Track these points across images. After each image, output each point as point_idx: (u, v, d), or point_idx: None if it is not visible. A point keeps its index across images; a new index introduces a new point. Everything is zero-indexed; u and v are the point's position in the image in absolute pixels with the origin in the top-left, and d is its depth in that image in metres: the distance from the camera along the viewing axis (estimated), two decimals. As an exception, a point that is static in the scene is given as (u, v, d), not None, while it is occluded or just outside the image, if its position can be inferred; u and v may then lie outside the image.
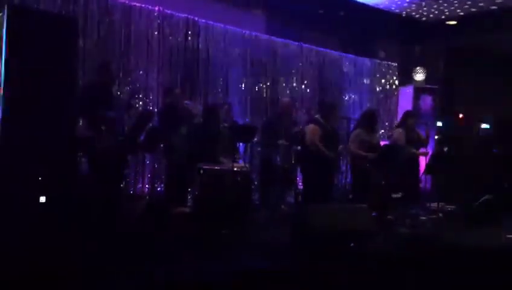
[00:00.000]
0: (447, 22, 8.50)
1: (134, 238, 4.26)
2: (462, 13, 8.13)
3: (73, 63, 4.43)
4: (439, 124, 8.64)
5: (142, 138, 5.24)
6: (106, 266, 3.48)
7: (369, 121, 6.11)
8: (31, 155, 3.88)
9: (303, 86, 7.95)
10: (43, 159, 3.95)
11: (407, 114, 6.56)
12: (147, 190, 6.25)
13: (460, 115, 9.00)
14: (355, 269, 3.83)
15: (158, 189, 6.25)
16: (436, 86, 8.90)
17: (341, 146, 6.01)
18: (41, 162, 3.93)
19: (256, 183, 6.64)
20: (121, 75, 6.10)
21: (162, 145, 5.75)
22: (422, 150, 6.43)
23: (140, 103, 6.26)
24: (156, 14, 6.38)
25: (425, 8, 8.07)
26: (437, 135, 8.34)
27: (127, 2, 6.15)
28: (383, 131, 8.55)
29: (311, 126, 5.82)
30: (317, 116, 5.97)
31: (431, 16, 8.36)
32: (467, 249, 4.67)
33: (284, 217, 5.73)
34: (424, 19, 8.52)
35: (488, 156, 7.74)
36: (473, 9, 7.93)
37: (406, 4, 7.93)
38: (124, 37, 6.13)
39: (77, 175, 4.82)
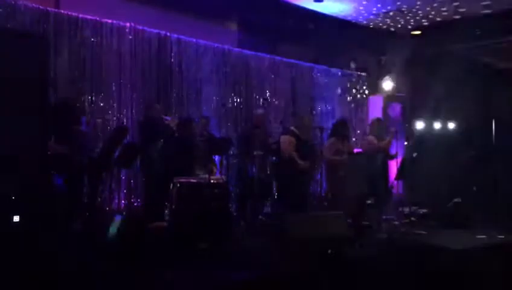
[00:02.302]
0: (412, 32, 8.78)
1: (112, 254, 4.22)
2: (426, 24, 8.42)
3: (43, 81, 4.40)
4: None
5: (116, 153, 5.22)
6: (82, 284, 3.45)
7: (342, 129, 6.25)
8: (2, 174, 3.82)
9: (276, 98, 8.06)
10: (16, 177, 3.89)
11: (375, 121, 6.73)
12: (123, 205, 6.19)
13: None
14: (334, 275, 3.89)
15: (135, 204, 6.21)
16: (405, 94, 9.14)
17: (316, 158, 6.11)
18: (14, 180, 3.87)
19: (233, 195, 6.66)
20: (93, 91, 6.06)
21: (138, 160, 5.74)
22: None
23: (114, 118, 6.23)
24: (127, 30, 6.39)
25: (391, 20, 8.32)
26: (406, 141, 8.56)
27: (97, 18, 6.14)
28: (355, 139, 8.70)
29: (286, 137, 5.92)
30: (291, 127, 6.07)
31: (397, 26, 8.63)
32: (440, 250, 4.80)
33: (262, 228, 5.78)
34: (390, 29, 8.77)
35: (457, 161, 7.97)
36: (436, 20, 8.23)
37: (373, 16, 8.16)
38: (96, 53, 6.10)
39: (51, 193, 4.76)
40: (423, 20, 8.30)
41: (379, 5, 7.67)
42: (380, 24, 8.54)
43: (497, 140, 8.48)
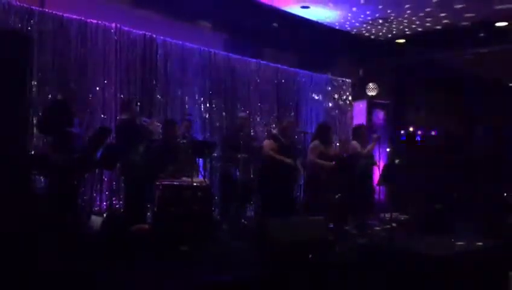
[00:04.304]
0: (397, 40, 8.90)
1: (93, 256, 4.20)
2: (410, 32, 8.55)
3: (26, 80, 4.37)
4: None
5: (99, 154, 5.18)
6: (63, 284, 3.42)
7: (325, 133, 6.30)
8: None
9: (261, 102, 8.09)
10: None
11: (358, 127, 6.80)
12: (104, 207, 6.14)
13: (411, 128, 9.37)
14: (314, 279, 3.92)
15: (116, 206, 6.16)
16: (388, 101, 9.25)
17: (299, 160, 6.15)
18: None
19: (216, 198, 6.65)
20: (77, 91, 6.01)
21: (119, 162, 5.69)
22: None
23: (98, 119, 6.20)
24: (112, 30, 6.36)
25: (376, 27, 8.43)
26: (389, 148, 8.66)
27: (83, 18, 6.11)
28: (338, 144, 8.77)
29: (267, 141, 5.99)
30: (274, 131, 6.12)
31: (382, 34, 8.75)
32: (419, 257, 4.85)
33: (245, 231, 5.79)
34: (375, 37, 8.89)
35: (438, 167, 8.09)
36: (420, 29, 8.37)
37: (358, 24, 8.26)
38: (81, 53, 6.06)
39: (31, 193, 4.72)
40: (407, 29, 8.42)
41: (365, 13, 7.77)
42: (365, 32, 8.64)
43: (478, 147, 8.63)
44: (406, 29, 8.45)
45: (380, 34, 8.71)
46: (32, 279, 3.40)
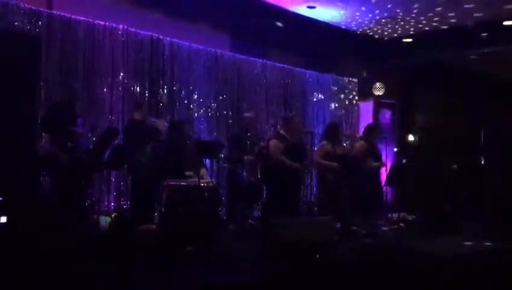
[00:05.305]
0: (404, 40, 8.87)
1: (100, 256, 4.22)
2: (417, 31, 8.51)
3: (34, 81, 4.41)
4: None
5: (107, 155, 5.22)
6: (69, 284, 3.44)
7: (333, 132, 6.28)
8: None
9: (267, 102, 8.09)
10: (4, 178, 3.88)
11: (369, 127, 6.76)
12: (112, 207, 6.17)
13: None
14: (321, 279, 3.92)
15: (124, 206, 6.19)
16: (395, 101, 9.21)
17: (306, 161, 6.14)
18: (2, 181, 3.86)
19: (223, 198, 6.66)
20: (84, 92, 6.06)
21: (126, 163, 5.72)
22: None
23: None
24: (120, 32, 6.39)
25: (383, 27, 8.41)
26: (396, 148, 8.62)
27: (90, 19, 6.14)
28: (345, 144, 8.74)
29: (273, 141, 5.95)
30: (281, 131, 6.10)
31: (389, 33, 8.72)
32: (427, 257, 4.84)
33: (251, 232, 5.80)
34: (382, 36, 8.86)
35: (447, 168, 8.06)
36: (428, 28, 8.33)
37: (365, 23, 8.23)
38: (88, 54, 6.10)
39: (39, 194, 4.76)
40: (415, 28, 8.39)
41: (372, 13, 7.74)
42: (372, 31, 8.62)
43: (485, 148, 8.58)
44: (413, 29, 8.41)
45: (387, 33, 8.68)
46: (37, 279, 3.43)
